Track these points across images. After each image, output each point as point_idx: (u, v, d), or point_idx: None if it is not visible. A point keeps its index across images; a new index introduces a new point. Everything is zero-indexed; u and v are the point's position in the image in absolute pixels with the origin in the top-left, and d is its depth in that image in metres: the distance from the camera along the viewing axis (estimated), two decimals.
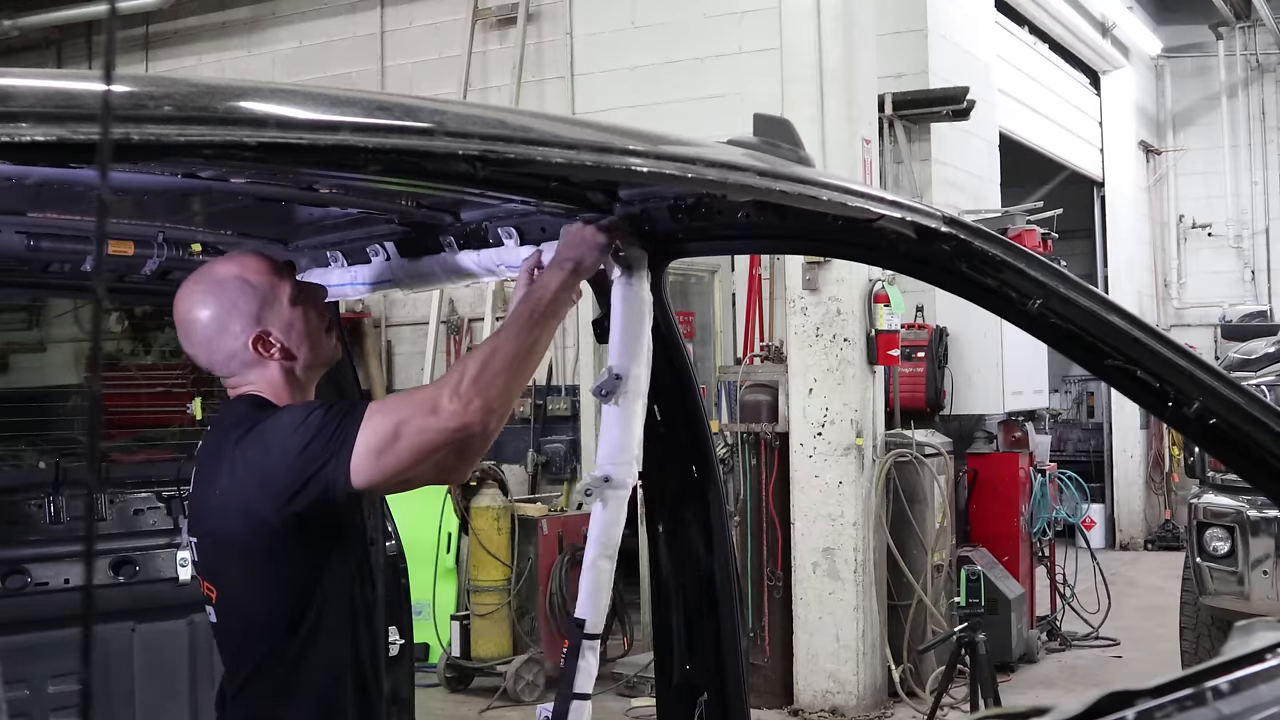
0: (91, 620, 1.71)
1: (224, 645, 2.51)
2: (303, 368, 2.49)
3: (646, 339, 2.41)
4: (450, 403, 2.18)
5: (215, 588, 2.42)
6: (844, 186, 1.90)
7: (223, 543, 2.38)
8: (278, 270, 2.50)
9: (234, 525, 2.33)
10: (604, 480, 2.36)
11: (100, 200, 0.94)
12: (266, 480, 2.28)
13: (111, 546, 3.61)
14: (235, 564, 2.38)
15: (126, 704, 3.61)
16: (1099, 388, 15.56)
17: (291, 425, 2.29)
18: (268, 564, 2.35)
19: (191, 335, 2.44)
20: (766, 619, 7.49)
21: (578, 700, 2.35)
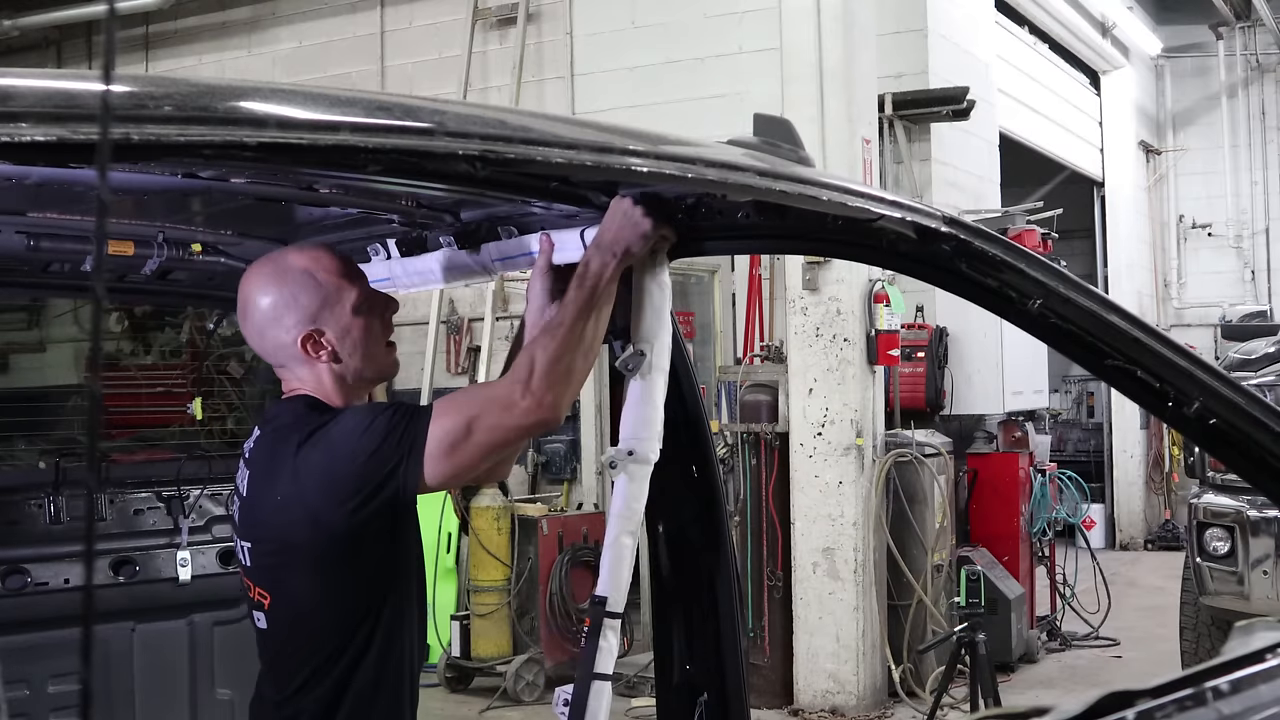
0: (91, 620, 1.71)
1: (274, 651, 2.44)
2: (353, 376, 2.46)
3: (668, 320, 2.42)
4: (524, 399, 2.21)
5: (270, 593, 2.37)
6: (844, 186, 1.90)
7: (283, 548, 2.34)
8: (349, 273, 2.48)
9: (297, 530, 2.30)
10: (628, 454, 2.36)
11: (100, 200, 0.94)
12: (334, 485, 2.26)
13: (111, 546, 3.61)
14: (296, 570, 2.34)
15: (126, 704, 3.61)
16: (1099, 388, 15.56)
17: (359, 428, 2.28)
18: (334, 570, 2.32)
19: (247, 317, 2.42)
20: (766, 619, 7.49)
21: (598, 680, 2.33)
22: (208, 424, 6.62)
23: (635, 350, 2.37)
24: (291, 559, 2.33)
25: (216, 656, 3.78)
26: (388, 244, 2.93)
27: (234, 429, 7.94)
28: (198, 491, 3.79)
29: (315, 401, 2.40)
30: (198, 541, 3.76)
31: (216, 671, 3.78)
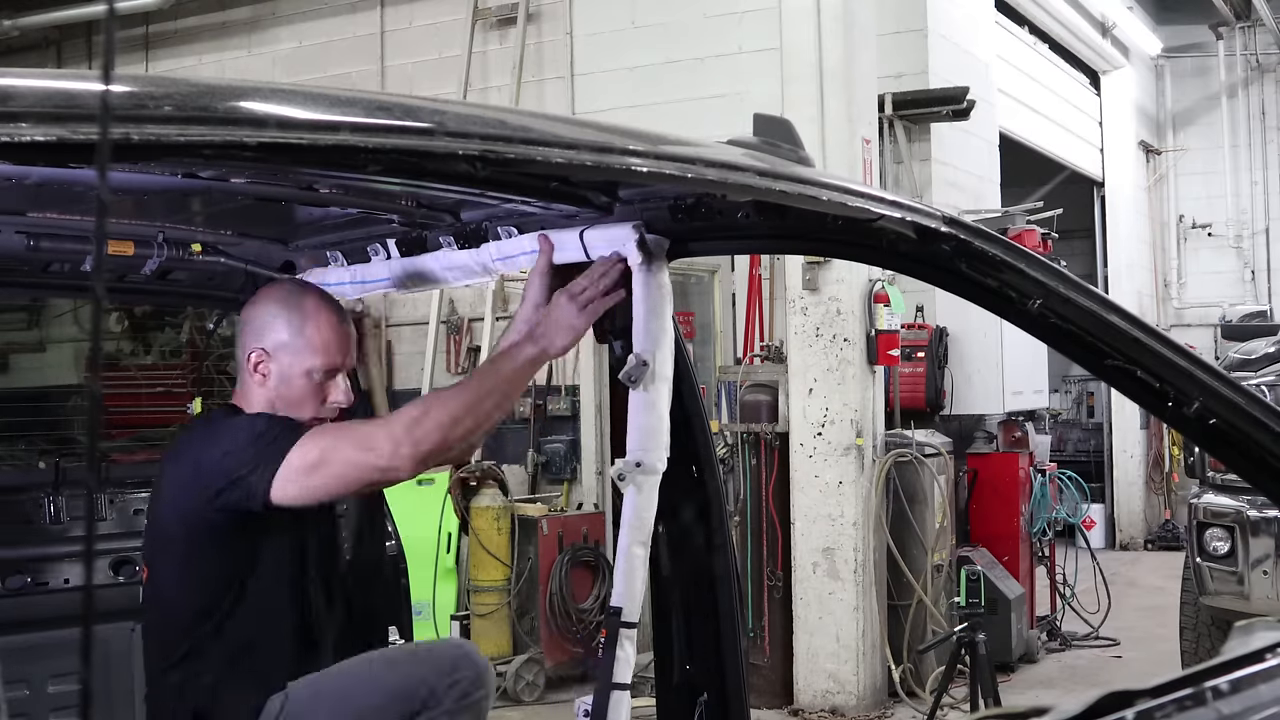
0: (91, 620, 1.71)
1: (146, 623, 2.76)
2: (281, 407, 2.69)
3: (669, 324, 2.42)
4: (384, 444, 2.37)
5: (148, 568, 2.68)
6: (844, 186, 1.90)
7: (157, 528, 2.66)
8: (336, 341, 2.73)
9: (168, 513, 2.62)
10: (636, 465, 2.36)
11: (100, 200, 0.94)
12: (199, 474, 2.52)
13: (111, 546, 3.61)
14: (162, 549, 2.64)
15: (126, 704, 3.60)
16: (1099, 388, 15.56)
17: (236, 428, 2.53)
18: (187, 555, 2.58)
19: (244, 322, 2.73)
20: (766, 619, 7.49)
21: (617, 690, 2.34)
22: None
23: (638, 360, 2.36)
24: (161, 538, 2.64)
25: None
26: (388, 244, 2.93)
27: None
28: None
29: (233, 407, 2.70)
30: None
31: None
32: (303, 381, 2.68)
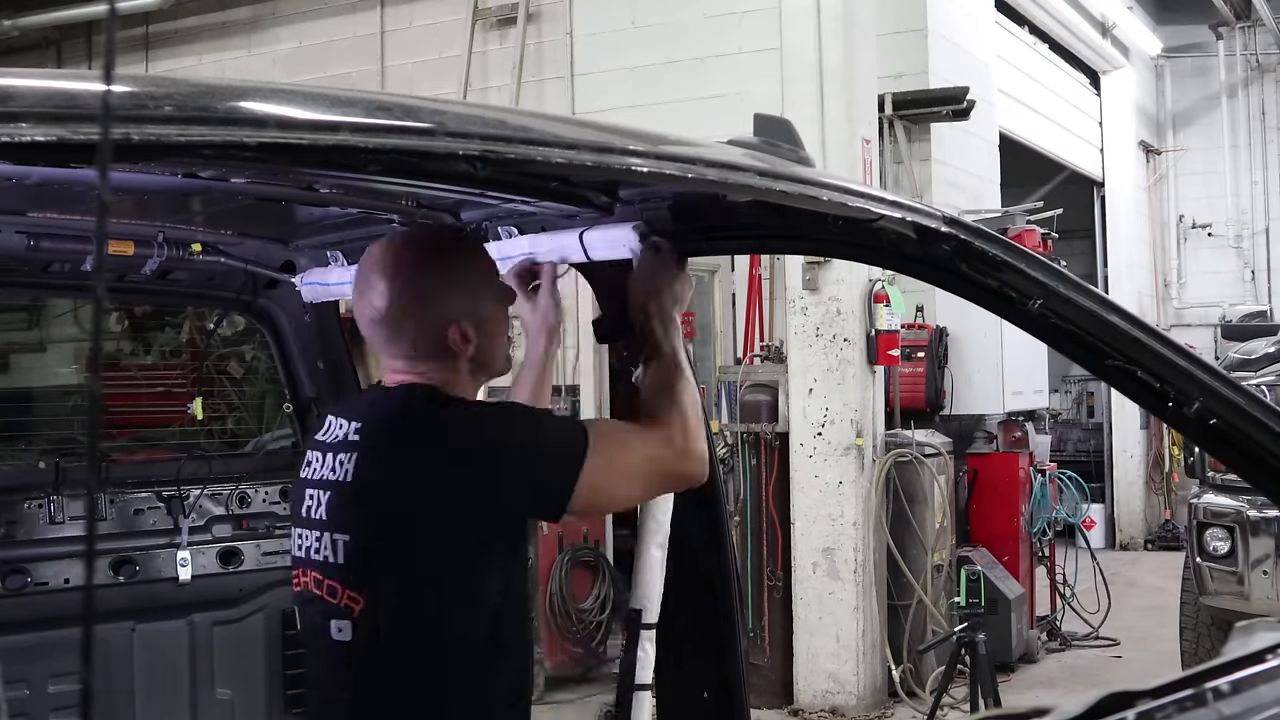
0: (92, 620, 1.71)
1: (362, 669, 2.11)
2: (485, 372, 2.28)
3: (677, 320, 2.41)
4: (690, 445, 2.19)
5: (364, 597, 2.08)
6: (844, 186, 1.90)
7: (403, 543, 2.08)
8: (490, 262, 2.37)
9: (419, 531, 2.06)
10: None
11: (100, 200, 0.94)
12: (488, 486, 2.05)
13: (111, 546, 3.61)
14: (412, 570, 2.07)
15: (126, 704, 3.61)
16: (1099, 388, 15.56)
17: (515, 432, 2.11)
18: (458, 576, 2.08)
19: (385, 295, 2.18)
20: (766, 619, 7.49)
21: (639, 691, 2.32)
22: (208, 424, 6.62)
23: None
24: (400, 557, 2.08)
25: (216, 656, 3.78)
26: None
27: (234, 429, 7.94)
28: (198, 491, 3.79)
29: (435, 392, 2.18)
30: (198, 541, 3.76)
31: (216, 671, 3.78)
32: (500, 315, 2.29)
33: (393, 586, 2.08)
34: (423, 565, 2.07)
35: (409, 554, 2.07)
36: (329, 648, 2.11)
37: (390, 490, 2.09)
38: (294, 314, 3.75)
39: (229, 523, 3.84)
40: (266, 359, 4.50)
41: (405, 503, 2.07)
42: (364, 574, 2.08)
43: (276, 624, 3.86)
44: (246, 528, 3.86)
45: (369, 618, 2.07)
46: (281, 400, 4.01)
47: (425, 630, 2.08)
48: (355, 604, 2.08)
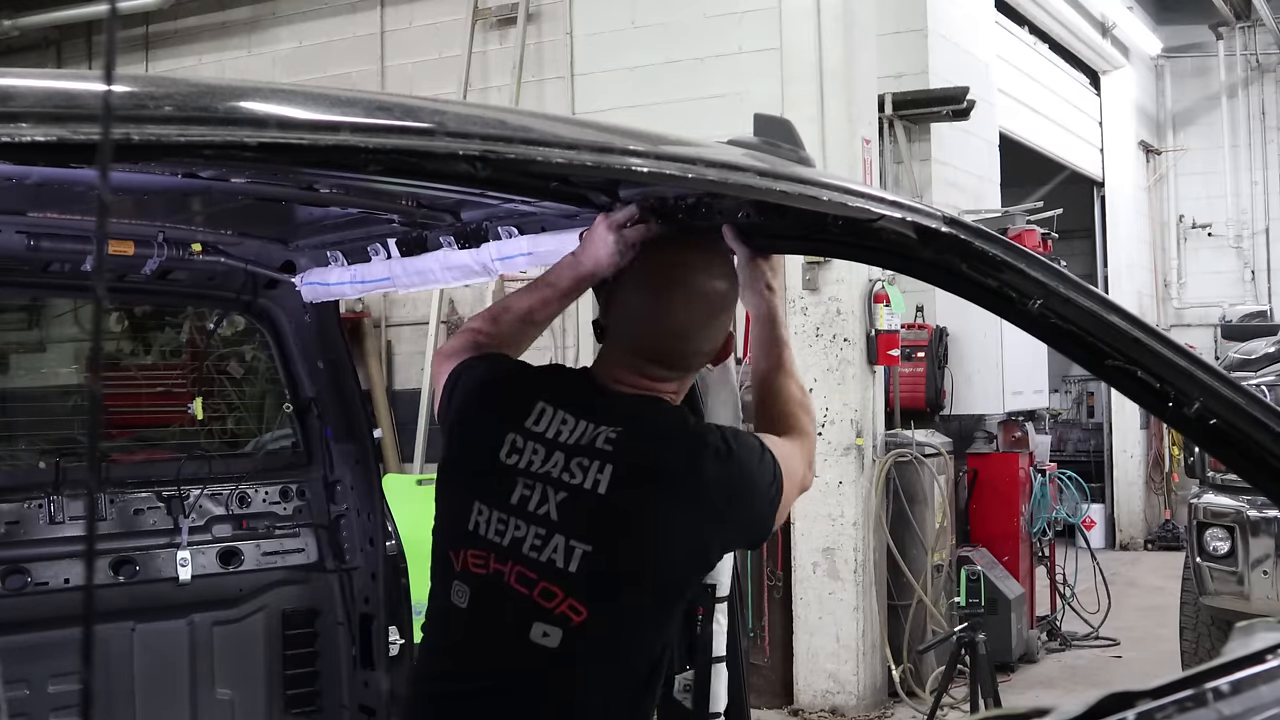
0: (92, 620, 1.71)
1: (568, 676, 2.07)
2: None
3: None
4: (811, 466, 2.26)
5: (587, 609, 2.03)
6: (844, 186, 1.90)
7: (644, 561, 2.06)
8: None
9: (673, 546, 2.07)
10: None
11: (100, 200, 0.94)
12: (726, 514, 2.09)
13: (111, 546, 3.61)
14: (645, 588, 2.08)
15: (126, 704, 3.61)
16: (1099, 388, 15.56)
17: (753, 460, 2.11)
18: (674, 597, 2.13)
19: (706, 303, 2.17)
20: (766, 619, 7.49)
21: (717, 663, 2.33)
22: (207, 424, 6.62)
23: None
24: (641, 579, 2.07)
25: (216, 656, 3.78)
26: (388, 244, 2.94)
27: (234, 429, 7.94)
28: (198, 491, 3.79)
29: (686, 413, 2.21)
30: (198, 541, 3.76)
31: (216, 671, 3.78)
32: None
33: (625, 607, 2.08)
34: (656, 591, 2.09)
35: (649, 579, 2.08)
36: (522, 647, 2.04)
37: (652, 518, 2.07)
38: (294, 314, 3.75)
39: (229, 523, 3.84)
40: (266, 359, 4.50)
41: (662, 532, 2.06)
42: (599, 589, 2.05)
43: (276, 624, 3.86)
44: (246, 528, 3.86)
45: (587, 631, 2.04)
46: (281, 400, 4.01)
47: (630, 651, 2.10)
48: (577, 615, 2.03)
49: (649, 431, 2.11)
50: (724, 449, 2.09)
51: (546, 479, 2.08)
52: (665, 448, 2.10)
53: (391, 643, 3.77)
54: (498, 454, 2.11)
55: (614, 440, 2.07)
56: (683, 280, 2.15)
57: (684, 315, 2.15)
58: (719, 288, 2.17)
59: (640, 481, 2.06)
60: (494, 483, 2.10)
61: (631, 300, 2.17)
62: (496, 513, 2.09)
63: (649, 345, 2.15)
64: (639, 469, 2.07)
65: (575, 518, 2.05)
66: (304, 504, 3.94)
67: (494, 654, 2.08)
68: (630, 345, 2.16)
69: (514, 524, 2.07)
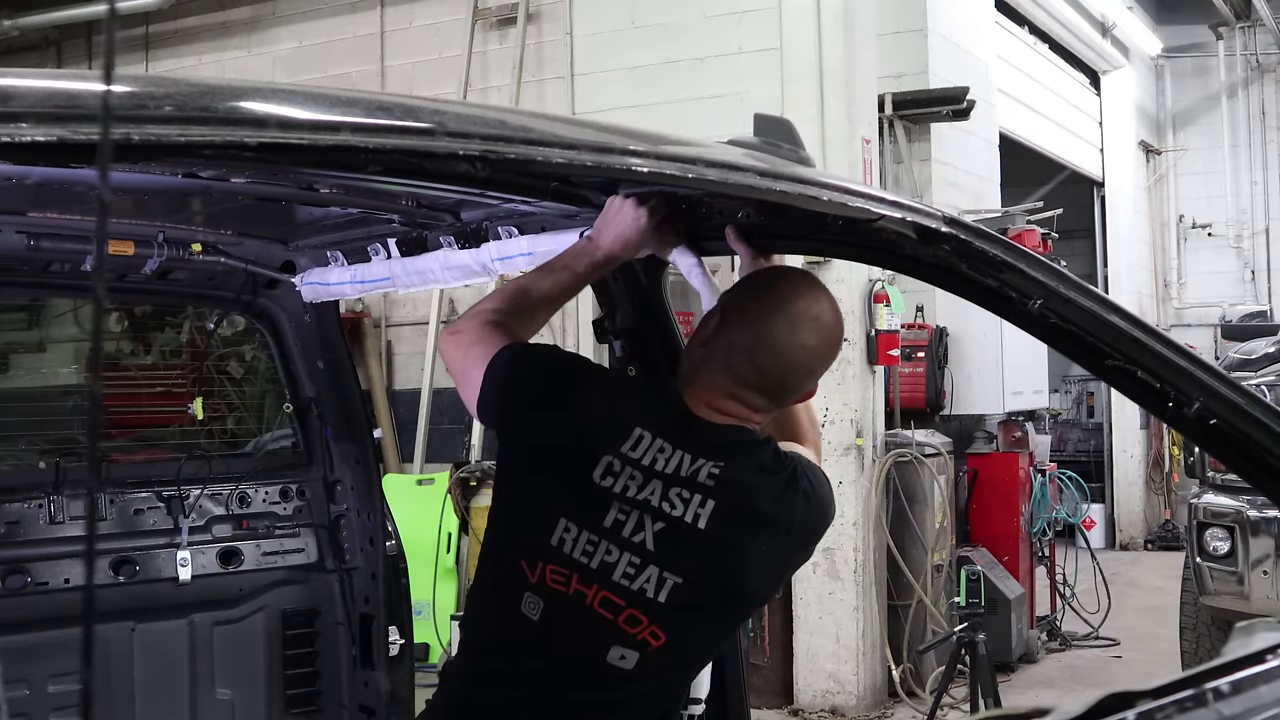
0: (92, 620, 1.71)
1: (632, 696, 2.14)
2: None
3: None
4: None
5: (667, 635, 2.08)
6: (844, 187, 1.90)
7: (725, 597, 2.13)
8: None
9: (755, 583, 2.16)
10: None
11: (100, 200, 0.94)
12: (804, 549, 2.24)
13: (111, 546, 3.61)
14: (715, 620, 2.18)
15: (126, 704, 3.61)
16: (1099, 388, 15.56)
17: (828, 495, 2.24)
18: (733, 627, 2.34)
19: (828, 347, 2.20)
20: (766, 619, 7.48)
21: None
22: (207, 424, 6.62)
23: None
24: (722, 610, 2.15)
25: (216, 656, 3.78)
26: (388, 244, 2.94)
27: (234, 429, 7.94)
28: (198, 491, 3.79)
29: (777, 448, 2.21)
30: (198, 541, 3.76)
31: (216, 671, 3.78)
32: None
33: (700, 638, 2.16)
34: (736, 618, 2.28)
35: (732, 609, 2.20)
36: (597, 666, 2.08)
37: (749, 555, 2.10)
38: (294, 314, 3.75)
39: (229, 523, 3.84)
40: (266, 359, 4.50)
41: (756, 567, 2.12)
42: (683, 618, 2.08)
43: (276, 624, 3.86)
44: (246, 528, 3.86)
45: (661, 657, 2.08)
46: (281, 400, 4.01)
47: (695, 665, 2.29)
48: (656, 640, 2.06)
49: (750, 467, 2.13)
50: (810, 490, 2.17)
51: (645, 507, 2.07)
52: (765, 487, 2.12)
53: (391, 643, 3.76)
54: (591, 474, 2.08)
55: (716, 476, 2.08)
56: (816, 316, 2.14)
57: (814, 350, 2.16)
58: (840, 327, 2.20)
59: (740, 520, 2.09)
60: (585, 502, 2.08)
61: (755, 329, 2.14)
62: (587, 533, 2.07)
63: (766, 376, 2.14)
64: (740, 506, 2.09)
65: (672, 550, 2.06)
66: (304, 504, 3.94)
67: (566, 670, 2.10)
68: (739, 374, 2.13)
69: (605, 548, 2.07)
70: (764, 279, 2.22)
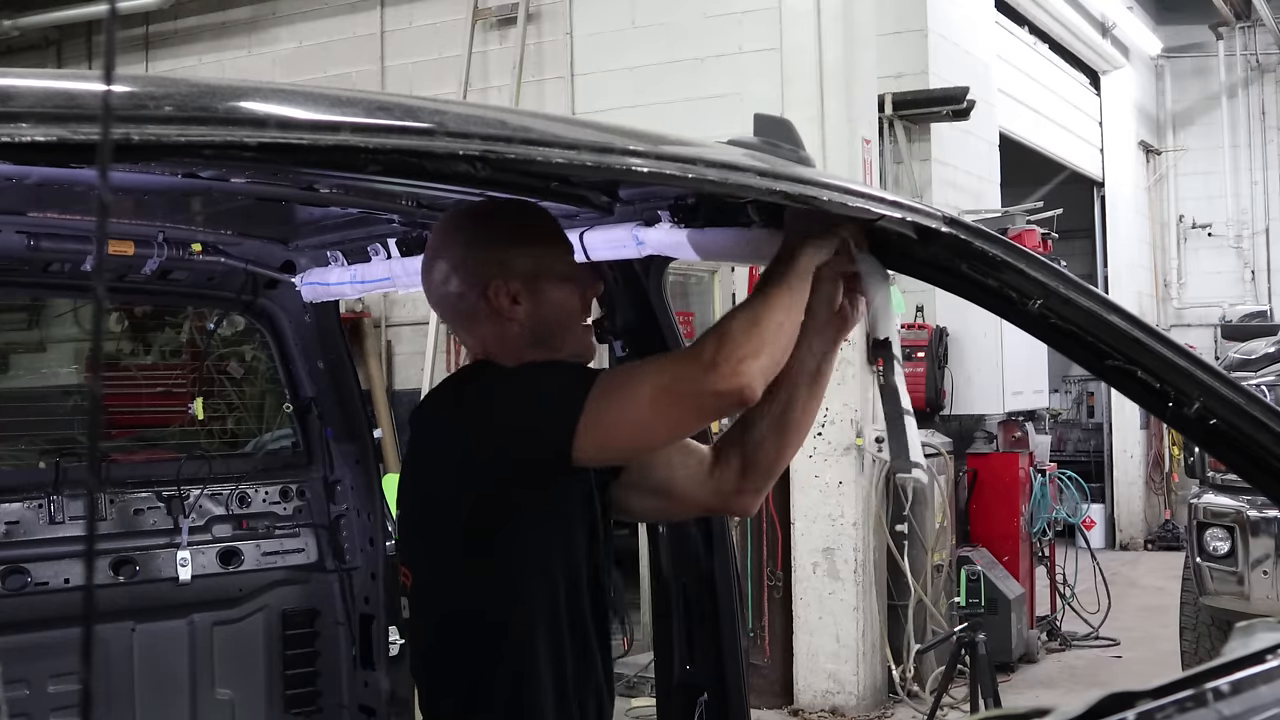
0: (92, 620, 1.71)
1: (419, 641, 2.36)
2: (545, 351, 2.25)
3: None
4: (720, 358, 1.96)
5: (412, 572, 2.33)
6: (844, 186, 1.90)
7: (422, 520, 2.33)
8: (558, 234, 2.33)
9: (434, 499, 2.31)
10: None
11: (100, 200, 0.94)
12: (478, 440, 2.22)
13: (111, 546, 3.61)
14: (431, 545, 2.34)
15: (126, 704, 3.60)
16: (1099, 388, 15.56)
17: (521, 379, 2.17)
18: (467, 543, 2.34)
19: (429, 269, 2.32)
20: (766, 619, 7.48)
21: (909, 415, 2.20)
22: (208, 424, 6.62)
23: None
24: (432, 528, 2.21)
25: (216, 656, 3.78)
26: (388, 244, 2.94)
27: (234, 429, 7.94)
28: (198, 491, 3.79)
29: (479, 365, 2.24)
30: (198, 541, 3.76)
31: (216, 671, 3.78)
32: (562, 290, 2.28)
33: (424, 563, 2.24)
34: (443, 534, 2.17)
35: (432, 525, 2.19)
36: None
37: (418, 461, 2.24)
38: (294, 314, 3.75)
39: (229, 523, 3.84)
40: (266, 359, 4.50)
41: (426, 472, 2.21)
42: (407, 552, 2.31)
43: (276, 624, 3.86)
44: (246, 528, 3.86)
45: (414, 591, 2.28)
46: (281, 400, 4.01)
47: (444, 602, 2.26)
48: (407, 580, 2.28)
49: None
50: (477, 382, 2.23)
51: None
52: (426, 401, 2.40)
53: (391, 643, 3.76)
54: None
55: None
56: (423, 262, 2.34)
57: (427, 290, 2.32)
58: (439, 253, 2.27)
59: (412, 439, 2.35)
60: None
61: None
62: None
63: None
64: (413, 432, 2.34)
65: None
66: (304, 504, 3.94)
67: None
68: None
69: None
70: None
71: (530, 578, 2.12)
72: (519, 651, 2.12)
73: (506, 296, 2.17)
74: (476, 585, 2.12)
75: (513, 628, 2.12)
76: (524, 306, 2.18)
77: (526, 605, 2.12)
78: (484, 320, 2.20)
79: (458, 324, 2.28)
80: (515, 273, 2.18)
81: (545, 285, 2.20)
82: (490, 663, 2.12)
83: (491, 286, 2.17)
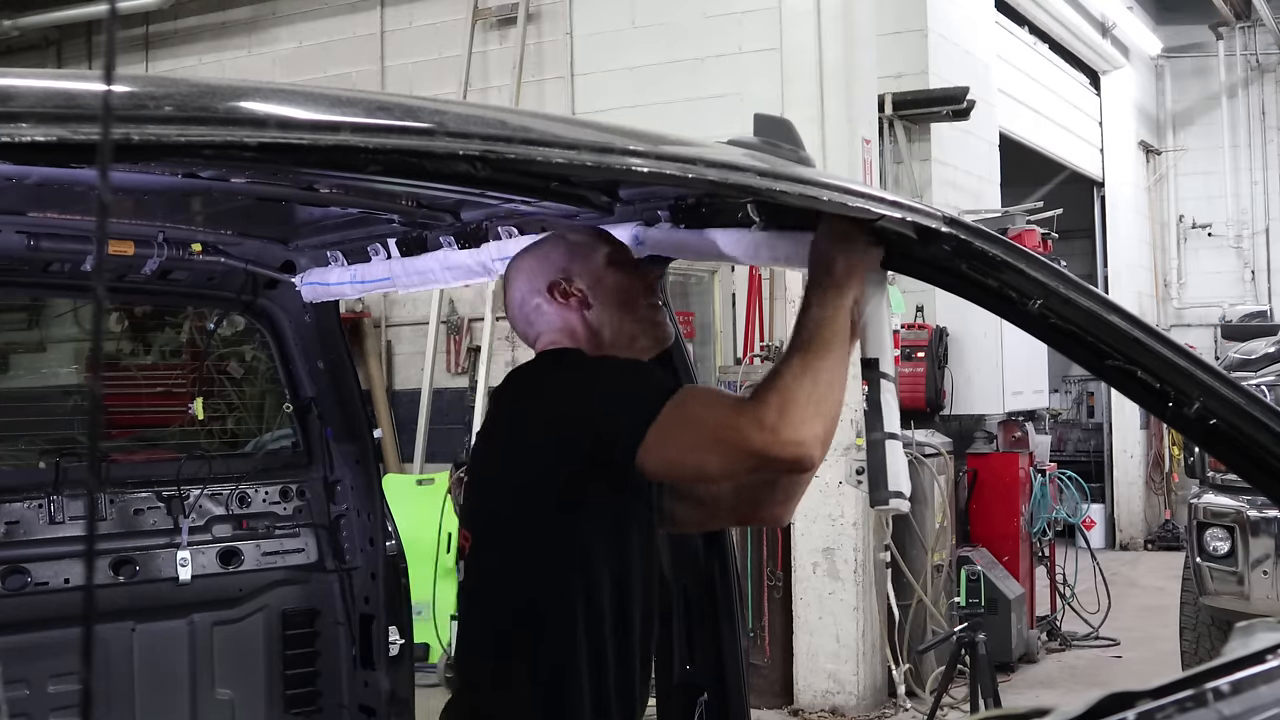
0: (92, 620, 1.71)
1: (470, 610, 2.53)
2: (613, 349, 2.40)
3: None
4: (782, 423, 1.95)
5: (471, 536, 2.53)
6: (844, 187, 1.90)
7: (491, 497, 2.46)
8: (602, 235, 2.44)
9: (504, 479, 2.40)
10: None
11: (100, 200, 0.94)
12: (551, 430, 2.32)
13: (111, 546, 3.61)
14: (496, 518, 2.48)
15: (126, 704, 3.60)
16: (1099, 388, 15.55)
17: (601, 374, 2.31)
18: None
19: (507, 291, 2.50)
20: (766, 619, 7.48)
21: (891, 440, 2.16)
22: (208, 424, 6.62)
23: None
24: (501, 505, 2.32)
25: (216, 656, 3.78)
26: (388, 244, 2.94)
27: (234, 429, 7.94)
28: (198, 491, 3.79)
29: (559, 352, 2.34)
30: (198, 541, 3.76)
31: (216, 671, 3.78)
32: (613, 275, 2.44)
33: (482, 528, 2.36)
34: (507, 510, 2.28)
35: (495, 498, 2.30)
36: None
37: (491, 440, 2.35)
38: (294, 314, 3.75)
39: (229, 523, 3.84)
40: (266, 359, 4.49)
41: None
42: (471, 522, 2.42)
43: (276, 624, 3.86)
44: (246, 528, 3.86)
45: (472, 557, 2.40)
46: (281, 400, 4.01)
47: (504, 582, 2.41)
48: (465, 542, 2.39)
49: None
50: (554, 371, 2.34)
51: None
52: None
53: (391, 643, 3.76)
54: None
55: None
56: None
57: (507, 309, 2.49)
58: (511, 275, 2.45)
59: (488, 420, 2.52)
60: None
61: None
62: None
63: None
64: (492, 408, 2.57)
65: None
66: (304, 504, 3.94)
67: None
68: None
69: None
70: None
71: (576, 571, 2.15)
72: (559, 643, 2.15)
73: (567, 289, 2.31)
74: (525, 568, 2.20)
75: (554, 618, 2.15)
76: (585, 294, 2.31)
77: (570, 598, 2.15)
78: (554, 317, 2.33)
79: (529, 331, 2.37)
80: (571, 270, 2.32)
81: (600, 271, 2.32)
82: (529, 647, 2.17)
83: (551, 284, 2.32)
